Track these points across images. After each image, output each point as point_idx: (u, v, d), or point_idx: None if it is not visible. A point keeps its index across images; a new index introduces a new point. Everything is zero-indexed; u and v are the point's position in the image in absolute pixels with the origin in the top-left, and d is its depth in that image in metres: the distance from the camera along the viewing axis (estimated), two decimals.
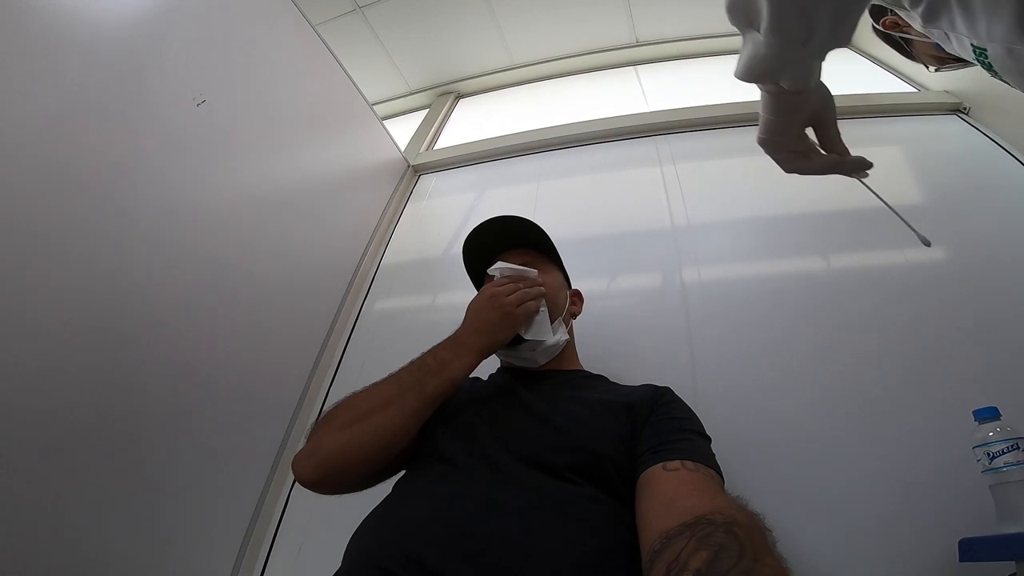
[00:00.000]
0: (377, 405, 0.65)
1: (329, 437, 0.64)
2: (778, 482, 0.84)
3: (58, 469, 0.72)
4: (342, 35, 2.19)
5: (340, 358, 1.31)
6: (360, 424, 0.64)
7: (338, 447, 0.63)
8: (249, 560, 0.98)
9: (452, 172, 1.85)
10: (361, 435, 0.63)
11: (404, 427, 0.64)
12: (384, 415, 0.64)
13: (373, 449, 0.63)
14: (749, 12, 0.45)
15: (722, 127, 1.62)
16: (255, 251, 1.13)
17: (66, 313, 0.75)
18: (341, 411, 0.67)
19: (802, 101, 0.53)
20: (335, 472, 0.63)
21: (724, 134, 1.60)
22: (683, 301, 1.13)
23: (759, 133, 0.57)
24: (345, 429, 0.64)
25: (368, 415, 0.64)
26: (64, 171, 0.78)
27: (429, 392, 0.66)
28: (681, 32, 2.25)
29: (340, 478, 0.64)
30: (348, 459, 0.62)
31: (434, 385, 0.67)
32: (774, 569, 0.38)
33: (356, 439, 0.63)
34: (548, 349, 0.80)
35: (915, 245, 0.60)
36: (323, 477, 0.62)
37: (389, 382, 0.68)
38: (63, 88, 0.80)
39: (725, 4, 0.46)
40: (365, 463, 0.64)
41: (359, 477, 0.66)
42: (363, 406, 0.66)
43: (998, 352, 0.94)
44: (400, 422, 0.64)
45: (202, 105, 1.05)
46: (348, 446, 0.62)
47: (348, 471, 0.63)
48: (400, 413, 0.64)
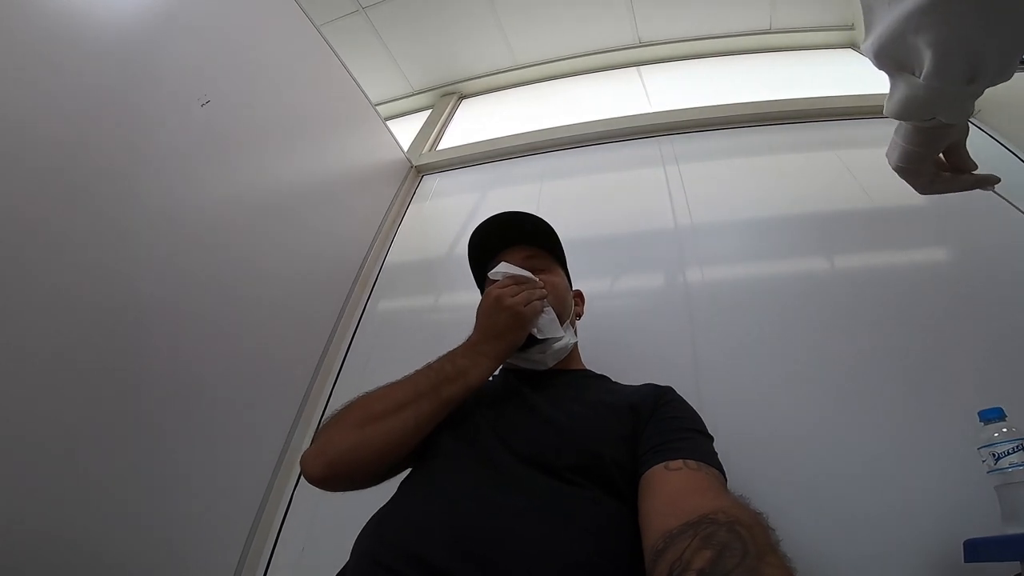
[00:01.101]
0: (392, 408, 0.65)
1: (340, 436, 0.64)
2: (781, 481, 0.84)
3: (60, 470, 0.72)
4: (345, 36, 2.19)
5: (344, 357, 1.31)
6: (373, 425, 0.63)
7: (349, 447, 0.62)
8: (253, 558, 0.99)
9: (455, 173, 1.85)
10: (374, 436, 0.63)
11: (417, 431, 0.65)
12: (399, 418, 0.64)
13: (384, 451, 0.63)
14: (902, 57, 0.44)
15: (725, 128, 1.62)
16: (259, 251, 1.13)
17: (69, 314, 0.75)
18: (354, 411, 0.66)
19: (951, 131, 0.53)
20: (344, 471, 0.63)
21: (728, 134, 1.59)
22: (686, 301, 1.13)
23: (898, 162, 0.57)
24: (357, 429, 0.64)
25: (383, 416, 0.64)
26: (68, 172, 0.79)
27: (445, 398, 0.66)
28: (684, 33, 2.25)
29: (349, 477, 0.64)
30: (358, 459, 0.62)
31: (451, 392, 0.67)
32: (778, 568, 0.38)
33: (368, 440, 0.63)
34: (558, 351, 0.80)
35: (920, 246, 0.60)
36: (332, 475, 0.63)
37: (405, 385, 0.68)
38: (66, 89, 0.80)
39: (871, 51, 0.45)
40: (375, 464, 0.64)
41: (367, 476, 0.66)
42: (378, 407, 0.65)
43: (1003, 353, 0.93)
44: (413, 426, 0.64)
45: (206, 106, 1.05)
46: (359, 446, 0.62)
47: (358, 471, 0.64)
48: (415, 418, 0.64)
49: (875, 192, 1.27)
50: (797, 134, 1.54)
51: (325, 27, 1.54)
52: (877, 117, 1.55)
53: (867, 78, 1.90)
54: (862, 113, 1.56)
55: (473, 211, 1.61)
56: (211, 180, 1.06)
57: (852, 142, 1.47)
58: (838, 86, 1.75)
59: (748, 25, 2.19)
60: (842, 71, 1.97)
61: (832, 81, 1.85)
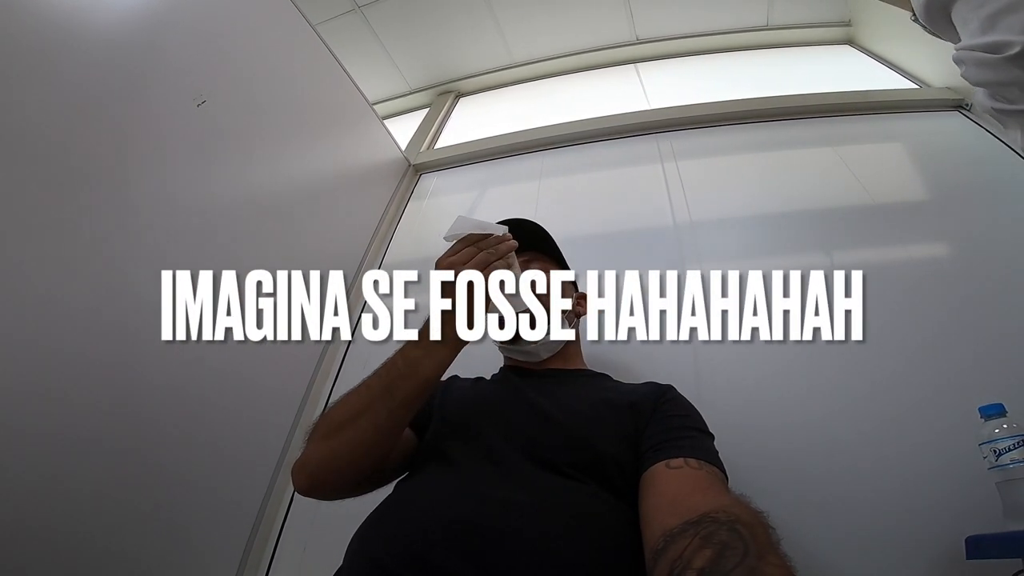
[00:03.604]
0: (348, 418, 0.61)
1: (312, 448, 0.63)
2: (782, 479, 0.84)
3: (63, 471, 0.72)
4: (342, 35, 2.18)
5: (343, 356, 1.31)
6: (336, 437, 0.61)
7: (320, 459, 0.62)
8: (255, 558, 0.98)
9: (453, 171, 1.85)
10: (339, 448, 0.61)
11: (380, 437, 0.62)
12: (356, 428, 0.61)
13: (353, 460, 0.61)
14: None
15: (724, 124, 1.61)
16: (256, 251, 1.13)
17: (66, 316, 0.75)
18: (321, 423, 0.65)
19: None
20: (326, 482, 0.62)
21: (726, 131, 1.59)
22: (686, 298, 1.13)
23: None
24: (324, 441, 0.62)
25: (342, 428, 0.61)
26: (63, 171, 0.78)
27: (399, 399, 0.60)
28: (681, 29, 2.25)
29: (332, 486, 0.64)
30: (333, 469, 0.62)
31: (404, 391, 0.61)
32: (778, 567, 0.37)
33: (336, 451, 0.61)
34: (550, 343, 0.80)
35: (919, 241, 0.60)
36: (315, 486, 0.62)
37: (361, 390, 0.63)
38: (62, 88, 0.80)
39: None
40: (351, 472, 0.62)
41: (351, 484, 0.65)
42: (338, 418, 0.63)
43: (1003, 348, 0.93)
44: (373, 434, 0.61)
45: (202, 105, 1.05)
46: (330, 458, 0.61)
47: (338, 480, 0.63)
48: (373, 426, 0.60)
49: (874, 187, 1.27)
50: (795, 130, 1.54)
51: (321, 26, 1.53)
52: (875, 113, 1.55)
53: (864, 74, 1.90)
54: (860, 109, 1.56)
55: (471, 209, 1.61)
56: (207, 180, 1.05)
57: (850, 138, 1.47)
58: (836, 82, 1.75)
59: (745, 21, 2.18)
60: (839, 67, 1.97)
61: (830, 77, 1.85)
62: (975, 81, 0.55)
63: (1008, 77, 0.50)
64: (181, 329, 0.87)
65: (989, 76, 0.52)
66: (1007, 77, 0.50)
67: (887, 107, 1.56)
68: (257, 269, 0.99)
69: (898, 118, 1.53)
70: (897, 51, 1.88)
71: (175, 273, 0.88)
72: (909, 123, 1.50)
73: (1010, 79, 0.50)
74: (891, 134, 1.48)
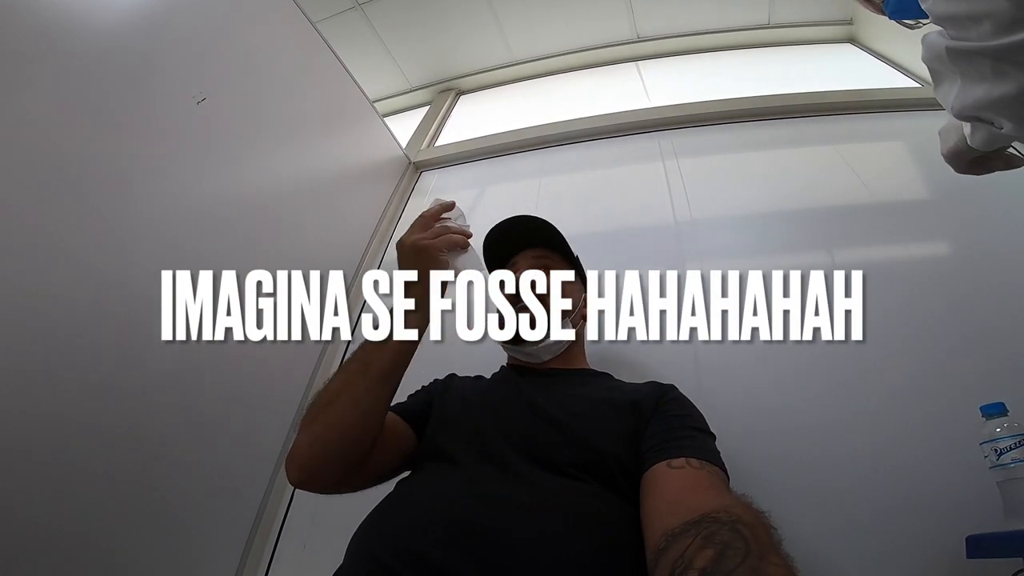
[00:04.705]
0: (327, 400, 0.63)
1: (299, 437, 0.63)
2: (783, 479, 0.84)
3: (62, 469, 0.72)
4: (342, 32, 2.18)
5: (344, 353, 1.31)
6: (319, 420, 0.62)
7: (307, 445, 0.62)
8: (255, 557, 0.99)
9: (454, 169, 1.85)
10: (322, 431, 0.61)
11: (360, 415, 0.62)
12: (336, 408, 0.62)
13: (340, 442, 0.61)
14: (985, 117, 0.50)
15: (725, 122, 1.61)
16: (257, 249, 1.13)
17: (67, 315, 0.75)
18: (307, 412, 0.65)
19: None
20: (314, 471, 0.62)
21: (727, 129, 1.59)
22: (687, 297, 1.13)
23: (950, 153, 0.77)
24: (308, 428, 0.63)
25: (323, 410, 0.62)
26: (63, 171, 0.78)
27: (375, 373, 0.62)
28: (682, 27, 2.24)
29: (322, 477, 0.63)
30: (319, 455, 0.61)
31: (380, 362, 0.63)
32: (780, 567, 0.37)
33: (319, 435, 0.61)
34: (552, 345, 0.80)
35: (921, 240, 0.60)
36: (306, 478, 0.62)
37: (339, 374, 0.66)
38: (63, 87, 0.80)
39: (954, 110, 0.51)
40: (339, 456, 0.62)
41: (340, 472, 0.63)
42: (319, 403, 0.64)
43: (1005, 347, 0.93)
44: (352, 410, 0.61)
45: (203, 103, 1.04)
46: (314, 444, 0.61)
47: (325, 468, 0.62)
48: (353, 403, 0.62)
49: (875, 186, 1.27)
50: (796, 129, 1.54)
51: (322, 23, 1.53)
52: (876, 112, 1.55)
53: (866, 73, 1.90)
54: (861, 108, 1.56)
55: (472, 207, 1.60)
56: (207, 178, 1.05)
57: (852, 136, 1.46)
58: (837, 81, 1.75)
59: (746, 20, 2.18)
60: (841, 66, 1.97)
61: (831, 76, 1.85)
62: (941, 13, 0.48)
63: (985, 8, 0.42)
64: (181, 329, 0.87)
65: (960, 7, 0.45)
66: (984, 8, 0.42)
67: (889, 105, 1.56)
68: (257, 269, 0.99)
69: (900, 116, 1.52)
70: (899, 49, 1.88)
71: (175, 273, 0.88)
72: (911, 121, 1.50)
73: (987, 10, 0.42)
74: (893, 132, 1.48)
